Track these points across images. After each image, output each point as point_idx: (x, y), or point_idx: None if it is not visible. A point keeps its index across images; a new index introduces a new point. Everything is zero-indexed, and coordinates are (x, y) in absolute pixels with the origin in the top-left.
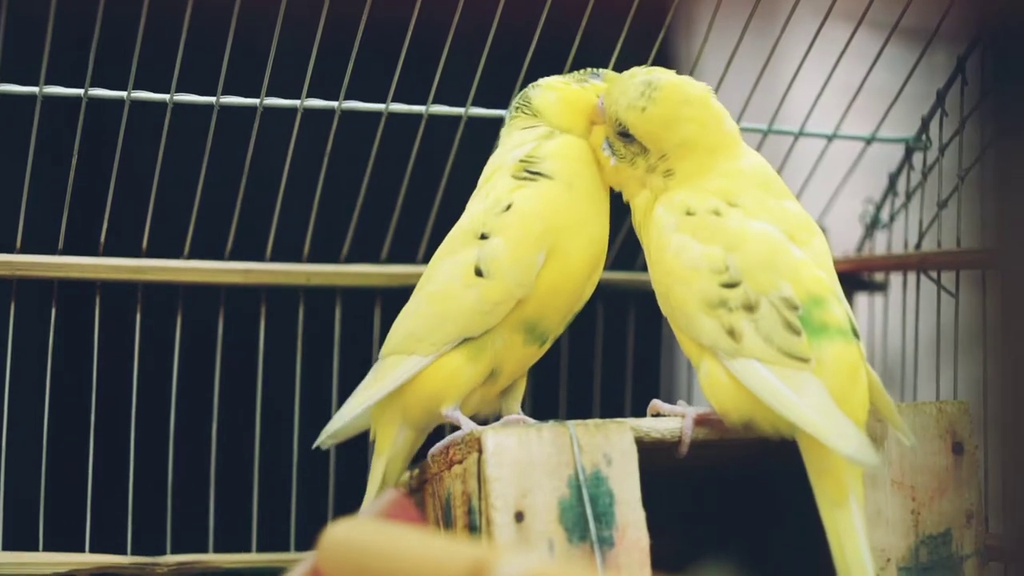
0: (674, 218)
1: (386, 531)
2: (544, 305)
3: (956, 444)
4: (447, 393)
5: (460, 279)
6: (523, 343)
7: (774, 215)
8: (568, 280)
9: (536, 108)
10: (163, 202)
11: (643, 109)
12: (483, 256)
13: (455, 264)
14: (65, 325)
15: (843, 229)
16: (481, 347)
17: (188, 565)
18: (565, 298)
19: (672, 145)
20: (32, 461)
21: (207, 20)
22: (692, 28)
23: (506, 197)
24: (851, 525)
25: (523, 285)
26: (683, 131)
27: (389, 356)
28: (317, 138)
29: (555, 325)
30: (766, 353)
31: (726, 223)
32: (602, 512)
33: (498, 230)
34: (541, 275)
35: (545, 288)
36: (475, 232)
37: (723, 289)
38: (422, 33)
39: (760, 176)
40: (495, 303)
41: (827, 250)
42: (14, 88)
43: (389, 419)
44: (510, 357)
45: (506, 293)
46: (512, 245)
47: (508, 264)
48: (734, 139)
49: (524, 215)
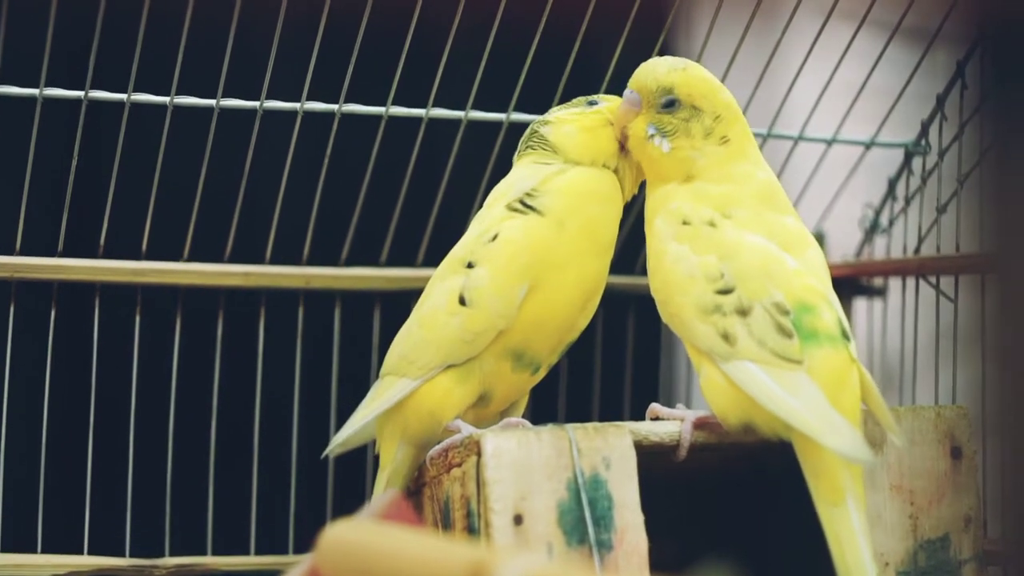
0: (671, 228)
1: (385, 533)
2: (529, 336)
3: (955, 448)
4: (442, 413)
5: (445, 306)
6: (511, 370)
7: (769, 228)
8: (554, 313)
9: (554, 144)
10: (163, 204)
11: (684, 69)
12: (467, 285)
13: (443, 291)
14: (64, 327)
15: (842, 233)
16: (468, 371)
17: (187, 567)
18: (552, 329)
19: (723, 105)
20: (31, 463)
21: (207, 23)
22: (692, 29)
23: (494, 227)
24: (850, 527)
25: (504, 316)
26: (726, 96)
27: (386, 376)
28: (317, 141)
29: (545, 354)
30: (759, 355)
31: (721, 234)
32: (601, 515)
33: (483, 260)
34: (525, 307)
35: (529, 319)
36: (464, 260)
37: (717, 295)
38: (422, 36)
39: (766, 190)
40: (476, 333)
41: (822, 262)
42: (14, 90)
43: (389, 435)
44: (500, 382)
45: (487, 323)
46: (495, 276)
47: (490, 295)
48: (752, 144)
49: (507, 247)
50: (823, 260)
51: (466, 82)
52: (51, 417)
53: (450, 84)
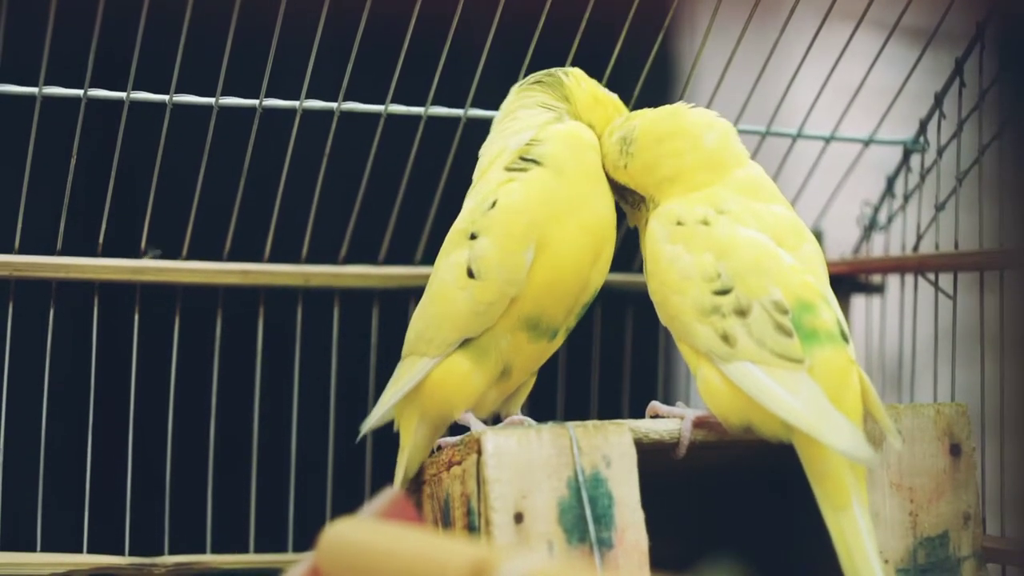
0: (666, 230)
1: (385, 531)
2: (542, 300)
3: (954, 446)
4: (460, 398)
5: (454, 281)
6: (528, 340)
7: (762, 221)
8: (564, 272)
9: (568, 92)
10: (162, 203)
11: (625, 166)
12: (473, 257)
13: (450, 265)
14: (63, 326)
15: (841, 231)
16: (485, 348)
17: (186, 566)
18: (565, 290)
19: (656, 182)
20: (30, 461)
21: (206, 21)
22: (693, 28)
23: (492, 194)
24: (856, 530)
25: (513, 283)
26: (663, 169)
27: (407, 357)
28: (316, 139)
29: (561, 318)
30: (759, 355)
31: (715, 231)
32: (601, 513)
33: (485, 229)
34: (533, 270)
35: (540, 283)
36: (466, 232)
37: (715, 296)
38: (421, 34)
39: (747, 182)
40: (488, 303)
41: (818, 254)
42: (14, 88)
43: (409, 416)
44: (518, 354)
45: (498, 293)
46: (499, 244)
47: (496, 264)
48: (720, 154)
49: (507, 212)
50: (821, 256)
51: (465, 80)
52: (50, 415)
53: (449, 82)
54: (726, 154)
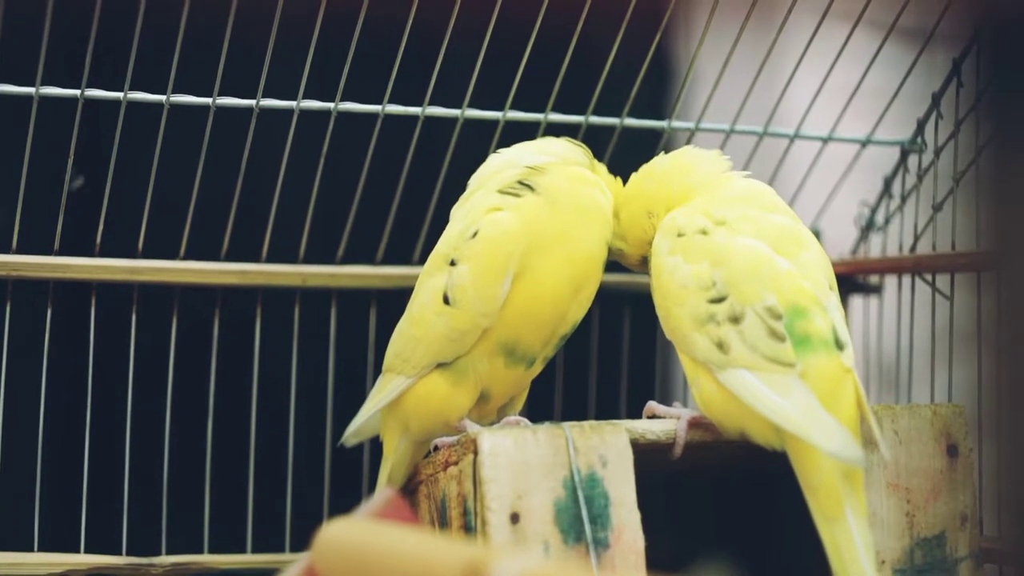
0: (668, 242)
1: (381, 531)
2: (518, 327)
3: (951, 447)
4: (443, 419)
5: (431, 306)
6: (505, 365)
7: (760, 229)
8: (542, 303)
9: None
10: (159, 203)
11: (622, 237)
12: (451, 284)
13: (429, 289)
14: (61, 326)
15: (838, 231)
16: (463, 370)
17: (183, 566)
18: (543, 320)
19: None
20: (27, 461)
21: (203, 21)
22: (690, 28)
23: (477, 221)
24: (850, 539)
25: (487, 315)
26: (645, 225)
27: (386, 373)
28: (313, 139)
29: (538, 347)
30: (752, 361)
31: (713, 240)
32: (598, 514)
33: (464, 258)
34: (511, 299)
35: (516, 313)
36: (447, 257)
37: (711, 305)
38: (419, 35)
39: (745, 193)
40: (462, 332)
41: (820, 260)
42: (11, 88)
43: (391, 428)
44: (496, 378)
45: (470, 323)
46: (475, 275)
47: (472, 295)
48: (705, 180)
49: (487, 244)
50: (825, 261)
51: (462, 80)
52: (47, 415)
53: (446, 82)
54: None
